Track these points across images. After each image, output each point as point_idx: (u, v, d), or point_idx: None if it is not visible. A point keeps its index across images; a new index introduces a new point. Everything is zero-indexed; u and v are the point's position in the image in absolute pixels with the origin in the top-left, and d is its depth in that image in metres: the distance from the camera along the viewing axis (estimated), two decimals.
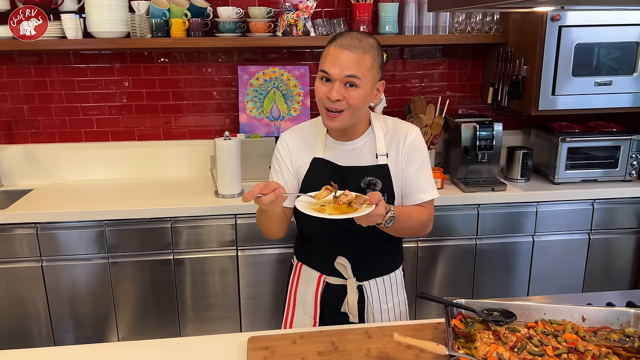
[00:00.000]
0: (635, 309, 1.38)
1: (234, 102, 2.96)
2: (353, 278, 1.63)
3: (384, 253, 1.66)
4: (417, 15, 2.79)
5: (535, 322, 1.39)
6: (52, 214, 2.43)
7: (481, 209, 2.66)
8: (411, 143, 1.59)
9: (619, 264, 2.84)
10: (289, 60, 2.95)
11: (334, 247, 1.62)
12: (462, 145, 2.74)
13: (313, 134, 1.64)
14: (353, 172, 1.57)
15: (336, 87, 1.44)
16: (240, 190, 2.64)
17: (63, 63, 2.84)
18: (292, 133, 1.67)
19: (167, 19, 2.65)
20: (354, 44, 1.44)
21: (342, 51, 1.43)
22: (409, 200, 1.62)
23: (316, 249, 1.66)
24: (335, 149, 1.60)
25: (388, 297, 1.68)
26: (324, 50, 1.49)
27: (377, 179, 1.56)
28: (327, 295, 1.66)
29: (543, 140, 2.93)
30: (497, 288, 2.77)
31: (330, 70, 1.45)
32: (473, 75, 3.09)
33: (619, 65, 2.58)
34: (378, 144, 1.58)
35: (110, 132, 2.95)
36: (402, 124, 1.64)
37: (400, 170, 1.59)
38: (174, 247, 2.53)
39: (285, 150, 1.64)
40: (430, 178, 1.64)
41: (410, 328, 1.48)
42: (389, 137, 1.60)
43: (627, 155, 2.78)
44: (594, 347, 1.27)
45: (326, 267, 1.64)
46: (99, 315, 2.58)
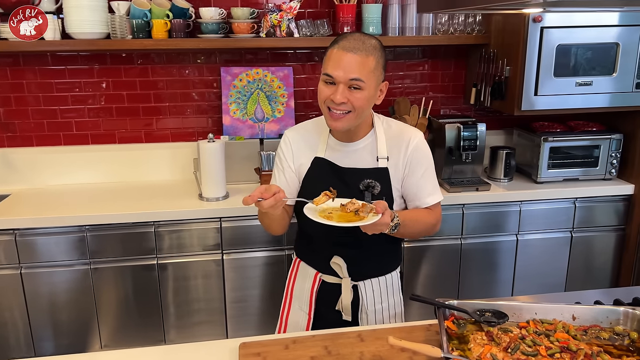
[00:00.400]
0: (625, 307, 1.40)
1: (216, 103, 2.92)
2: (348, 278, 1.64)
3: (382, 254, 1.67)
4: (400, 16, 2.79)
5: (526, 322, 1.39)
6: (31, 219, 2.37)
7: (466, 209, 2.67)
8: (415, 149, 1.60)
9: (600, 262, 2.88)
10: (272, 62, 2.93)
11: (332, 247, 1.63)
12: (447, 146, 2.75)
13: (316, 134, 1.65)
14: (353, 174, 1.58)
15: (340, 90, 1.45)
16: (224, 193, 2.61)
17: (40, 65, 2.77)
18: (295, 132, 1.68)
19: (148, 19, 2.60)
20: (358, 46, 1.44)
21: (345, 53, 1.43)
22: (416, 204, 1.63)
23: (315, 247, 1.68)
24: (336, 149, 1.61)
25: (383, 298, 1.69)
26: (327, 53, 1.49)
27: (376, 182, 1.57)
28: (322, 293, 1.67)
29: (525, 140, 2.97)
30: (482, 287, 2.79)
31: (334, 73, 1.45)
32: (455, 76, 3.11)
33: (599, 65, 2.62)
34: (379, 147, 1.59)
35: (90, 135, 2.89)
36: (406, 128, 1.64)
37: (401, 174, 1.60)
38: (157, 251, 2.48)
39: (288, 148, 1.66)
40: (435, 182, 1.65)
41: (403, 330, 1.48)
42: (392, 140, 1.60)
43: (607, 154, 2.82)
44: (586, 346, 1.28)
45: (323, 266, 1.66)
46: (80, 322, 2.52)
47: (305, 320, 1.70)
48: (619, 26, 2.57)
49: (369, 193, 1.56)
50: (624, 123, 2.87)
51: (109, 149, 2.90)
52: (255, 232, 2.52)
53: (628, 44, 2.59)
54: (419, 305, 2.70)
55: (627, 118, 2.85)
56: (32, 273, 2.42)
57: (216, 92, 2.91)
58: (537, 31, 2.51)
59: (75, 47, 2.55)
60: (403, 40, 2.80)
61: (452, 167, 2.78)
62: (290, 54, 2.93)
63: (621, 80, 2.64)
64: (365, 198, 1.55)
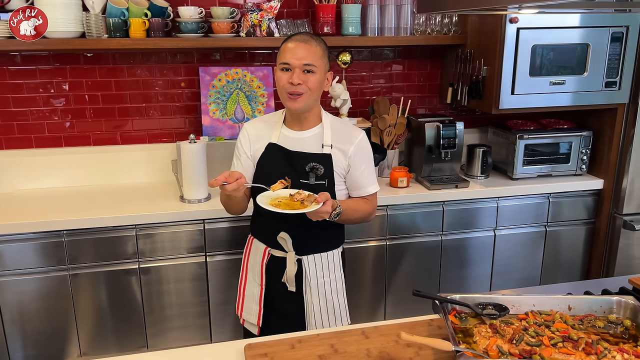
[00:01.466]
0: (618, 296, 1.46)
1: (194, 104, 2.88)
2: (293, 252, 1.83)
3: (324, 231, 1.87)
4: (379, 16, 2.82)
5: (525, 314, 1.43)
6: (2, 226, 2.28)
7: (446, 205, 2.72)
8: (359, 145, 1.86)
9: (572, 255, 2.99)
10: (251, 61, 2.91)
11: (280, 222, 1.81)
12: (426, 144, 2.79)
13: (272, 124, 1.90)
14: (300, 157, 1.81)
15: (296, 73, 1.73)
16: (206, 194, 2.57)
17: (9, 65, 2.66)
18: (252, 124, 1.93)
19: (125, 18, 2.54)
20: (307, 39, 1.75)
21: (298, 44, 1.73)
22: (358, 193, 1.90)
23: (265, 223, 1.88)
24: (288, 136, 1.85)
25: (325, 273, 1.88)
26: (281, 47, 1.77)
27: (320, 165, 1.80)
28: (271, 266, 1.88)
29: (500, 138, 3.04)
30: (462, 283, 2.85)
31: (291, 60, 1.73)
32: (431, 75, 3.16)
33: (571, 65, 2.72)
34: (325, 136, 1.83)
35: (64, 137, 2.80)
36: (351, 127, 1.92)
37: (344, 163, 1.83)
38: (139, 255, 2.43)
39: (245, 137, 1.90)
40: (374, 174, 1.93)
41: (405, 326, 1.49)
42: (337, 134, 1.84)
43: (578, 150, 2.93)
44: (585, 335, 1.32)
45: (271, 240, 1.86)
46: (58, 330, 2.44)
47: (258, 291, 1.89)
48: (589, 27, 2.67)
49: (313, 174, 1.79)
50: (593, 120, 2.99)
51: (84, 152, 2.81)
52: (239, 234, 2.49)
53: (598, 45, 2.70)
54: (404, 300, 2.75)
55: (595, 116, 2.97)
56: (6, 281, 2.32)
57: (195, 92, 2.87)
58: (514, 32, 2.58)
59: (49, 46, 2.46)
60: (382, 41, 2.83)
61: (431, 165, 2.82)
62: (270, 54, 2.92)
63: (591, 80, 2.75)
64: (310, 178, 1.79)
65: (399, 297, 2.78)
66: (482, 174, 2.93)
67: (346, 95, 2.83)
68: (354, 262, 2.65)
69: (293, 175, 1.78)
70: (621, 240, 2.91)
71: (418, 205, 2.69)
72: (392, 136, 2.91)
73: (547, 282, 2.95)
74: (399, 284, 2.77)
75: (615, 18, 2.69)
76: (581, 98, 2.78)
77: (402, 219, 2.69)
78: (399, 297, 2.78)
